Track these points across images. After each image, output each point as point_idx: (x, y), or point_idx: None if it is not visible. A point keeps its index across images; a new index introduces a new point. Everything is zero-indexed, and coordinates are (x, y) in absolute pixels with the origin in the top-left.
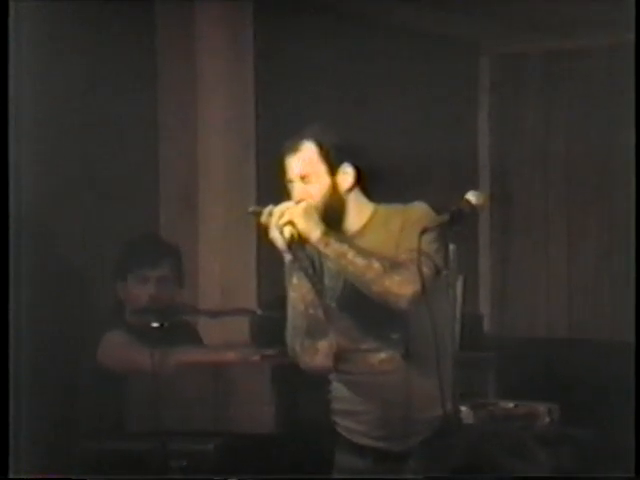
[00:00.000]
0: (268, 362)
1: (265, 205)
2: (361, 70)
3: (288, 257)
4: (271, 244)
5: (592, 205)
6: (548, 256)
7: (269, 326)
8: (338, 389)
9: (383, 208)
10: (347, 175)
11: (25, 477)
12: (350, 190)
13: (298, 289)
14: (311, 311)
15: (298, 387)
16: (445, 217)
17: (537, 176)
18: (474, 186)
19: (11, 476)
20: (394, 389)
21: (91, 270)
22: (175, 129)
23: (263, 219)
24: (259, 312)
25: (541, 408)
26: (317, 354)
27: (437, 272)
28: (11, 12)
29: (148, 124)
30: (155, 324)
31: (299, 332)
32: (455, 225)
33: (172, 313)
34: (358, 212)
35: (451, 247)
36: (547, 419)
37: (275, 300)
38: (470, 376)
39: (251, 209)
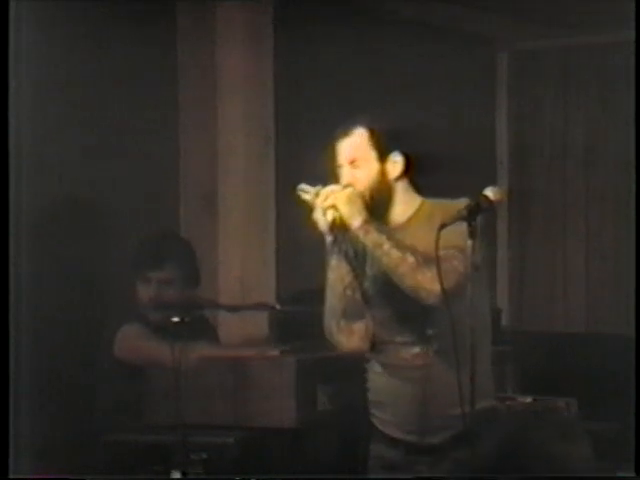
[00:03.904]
0: (287, 357)
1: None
2: (379, 67)
3: (329, 239)
4: (294, 226)
5: (610, 200)
6: (565, 250)
7: (288, 321)
8: (372, 380)
9: (429, 202)
10: (396, 164)
11: (25, 477)
12: (398, 179)
13: (337, 270)
14: (349, 293)
15: (317, 382)
16: (463, 213)
17: (554, 171)
18: (492, 181)
19: (11, 476)
20: (426, 384)
21: (110, 265)
22: (195, 127)
23: (310, 198)
24: (278, 307)
25: (559, 402)
26: (353, 335)
27: (475, 270)
28: (11, 12)
29: (168, 122)
30: (176, 318)
31: (336, 313)
32: (473, 220)
33: (191, 308)
34: (405, 204)
35: (469, 242)
36: (565, 413)
37: (294, 295)
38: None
39: (301, 187)
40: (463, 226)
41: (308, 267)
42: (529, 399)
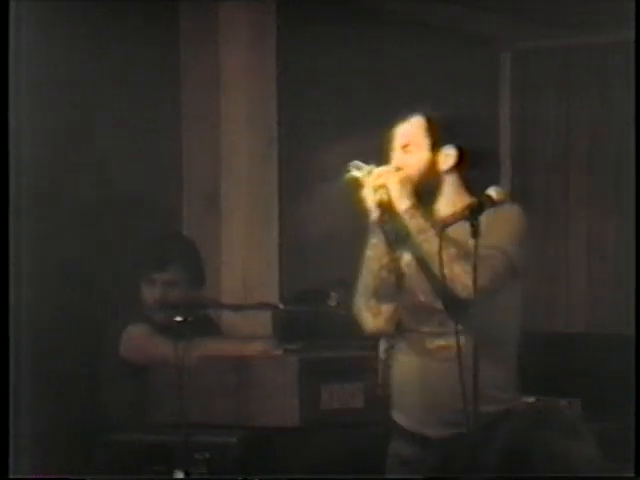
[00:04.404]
0: (290, 356)
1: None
2: (381, 67)
3: (374, 217)
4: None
5: (611, 199)
6: (566, 250)
7: (291, 320)
8: (394, 367)
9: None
10: (448, 157)
11: (25, 477)
12: (448, 173)
13: (375, 249)
14: (384, 273)
15: (320, 381)
16: (466, 212)
17: (557, 171)
18: (495, 181)
19: (11, 476)
20: (445, 377)
21: (113, 266)
22: (198, 127)
23: (362, 176)
24: (281, 306)
25: (562, 402)
26: (379, 316)
27: (514, 273)
28: (11, 12)
29: (171, 122)
30: (179, 318)
31: (367, 291)
32: (475, 220)
33: (195, 307)
34: (452, 199)
35: (471, 242)
36: (568, 413)
37: (297, 295)
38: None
39: (354, 163)
40: (507, 228)
41: (311, 267)
42: (531, 399)
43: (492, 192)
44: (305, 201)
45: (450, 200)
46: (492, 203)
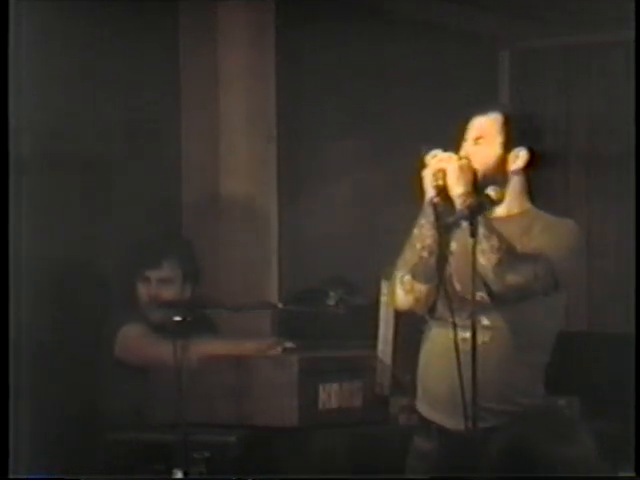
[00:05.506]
0: (289, 355)
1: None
2: (380, 65)
3: (428, 197)
4: None
5: (611, 198)
6: None
7: (290, 320)
8: (421, 355)
9: (536, 211)
10: (519, 158)
11: (25, 477)
12: (515, 174)
13: (422, 229)
14: (424, 254)
15: (319, 380)
16: (465, 212)
17: (557, 170)
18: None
19: (11, 476)
20: (464, 371)
21: (111, 265)
22: (197, 125)
23: (427, 158)
24: (280, 306)
25: (561, 402)
26: (411, 293)
27: (554, 283)
28: (11, 12)
29: (170, 121)
30: (178, 317)
31: (405, 267)
32: (474, 219)
33: (194, 307)
34: (512, 200)
35: (470, 241)
36: (567, 412)
37: (296, 294)
38: None
39: (424, 147)
40: (557, 240)
41: (310, 266)
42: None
43: (491, 192)
44: (304, 200)
45: (509, 201)
46: (491, 203)
